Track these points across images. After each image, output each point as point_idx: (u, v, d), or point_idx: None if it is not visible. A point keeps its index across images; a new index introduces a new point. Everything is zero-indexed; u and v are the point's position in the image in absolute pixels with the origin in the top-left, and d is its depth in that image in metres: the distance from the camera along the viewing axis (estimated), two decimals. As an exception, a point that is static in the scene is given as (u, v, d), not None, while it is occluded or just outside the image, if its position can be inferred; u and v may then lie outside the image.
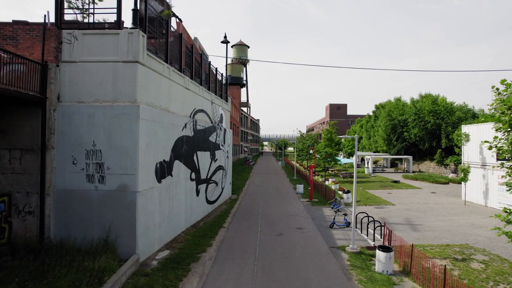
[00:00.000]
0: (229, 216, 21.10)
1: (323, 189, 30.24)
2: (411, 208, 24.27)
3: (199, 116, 19.83)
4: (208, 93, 22.11)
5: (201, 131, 19.82)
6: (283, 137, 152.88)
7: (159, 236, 13.99)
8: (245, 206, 24.65)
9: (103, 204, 12.11)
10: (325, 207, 24.83)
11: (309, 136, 54.35)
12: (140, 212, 12.29)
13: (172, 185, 15.47)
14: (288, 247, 14.99)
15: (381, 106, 70.40)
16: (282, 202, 26.72)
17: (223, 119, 26.33)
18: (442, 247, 14.94)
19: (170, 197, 15.25)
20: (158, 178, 13.87)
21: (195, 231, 17.12)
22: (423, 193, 31.74)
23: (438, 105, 50.99)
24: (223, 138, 25.81)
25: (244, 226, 18.71)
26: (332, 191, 27.35)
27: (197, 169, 19.16)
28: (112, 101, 12.24)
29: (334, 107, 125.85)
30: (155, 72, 13.80)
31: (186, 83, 17.54)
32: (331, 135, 41.87)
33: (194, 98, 19.09)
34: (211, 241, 15.66)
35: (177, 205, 16.06)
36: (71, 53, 12.26)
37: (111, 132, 12.10)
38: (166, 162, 14.68)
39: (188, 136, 17.59)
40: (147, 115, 12.77)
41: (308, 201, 27.25)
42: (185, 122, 17.09)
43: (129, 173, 12.04)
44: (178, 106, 16.45)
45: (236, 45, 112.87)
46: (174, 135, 15.68)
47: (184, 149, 17.01)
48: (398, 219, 20.65)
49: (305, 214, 22.28)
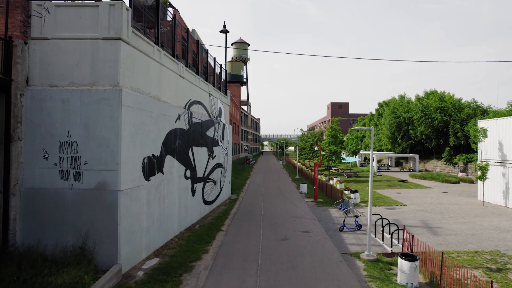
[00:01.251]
0: (228, 218, 19.30)
1: (328, 189, 28.46)
2: (425, 209, 22.47)
3: (195, 108, 18.04)
4: (206, 84, 20.32)
5: (197, 125, 18.03)
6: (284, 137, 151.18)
7: (147, 241, 12.20)
8: (245, 207, 22.86)
9: (79, 205, 10.31)
10: (331, 208, 23.05)
11: (311, 134, 52.57)
12: (123, 214, 10.50)
13: (163, 183, 13.68)
14: (294, 254, 13.20)
15: (385, 104, 68.60)
16: (285, 202, 24.93)
17: (222, 113, 24.54)
18: (470, 254, 13.14)
19: (161, 197, 13.46)
20: (146, 175, 12.08)
21: (189, 235, 15.32)
22: (434, 192, 29.93)
23: (445, 101, 49.17)
24: (222, 133, 24.02)
25: (245, 229, 16.92)
26: (338, 191, 25.57)
27: (192, 166, 17.37)
28: (90, 84, 10.44)
29: (335, 105, 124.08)
30: (142, 54, 12.01)
31: (180, 70, 15.75)
32: (336, 132, 40.06)
33: (190, 88, 17.30)
34: (207, 247, 13.87)
35: (169, 206, 14.28)
36: (42, 28, 10.46)
37: (89, 121, 10.31)
38: (155, 157, 12.89)
39: (182, 129, 15.80)
40: (132, 102, 10.98)
41: (313, 202, 25.46)
42: (178, 113, 15.30)
43: (110, 168, 10.25)
44: (170, 95, 14.66)
45: (236, 43, 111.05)
46: (166, 127, 13.89)
47: (178, 143, 15.22)
48: (413, 221, 18.85)
49: (310, 215, 20.49)
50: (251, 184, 36.08)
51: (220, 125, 23.32)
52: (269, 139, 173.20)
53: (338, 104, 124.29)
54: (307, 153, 50.23)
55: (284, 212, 21.35)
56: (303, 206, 23.63)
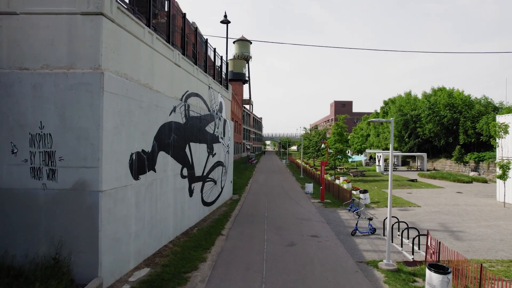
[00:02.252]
0: (229, 221, 17.77)
1: (335, 189, 26.89)
2: (442, 210, 20.86)
3: (193, 101, 16.52)
4: (205, 76, 18.81)
5: (195, 119, 16.51)
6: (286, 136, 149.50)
7: (135, 249, 10.69)
8: (248, 208, 21.34)
9: (53, 209, 8.82)
10: (340, 209, 21.49)
11: (316, 132, 50.96)
12: (106, 218, 8.99)
13: (156, 182, 12.17)
14: (303, 262, 11.66)
15: (391, 101, 66.87)
16: (290, 203, 23.38)
17: (223, 108, 23.02)
18: (505, 264, 11.55)
19: (153, 198, 11.95)
20: (134, 173, 10.57)
21: (186, 241, 13.80)
22: (448, 193, 28.28)
23: (454, 98, 47.43)
24: (223, 129, 22.49)
25: (247, 233, 15.40)
26: (346, 191, 24.01)
27: (190, 164, 15.86)
28: (67, 67, 8.93)
29: (339, 104, 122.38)
30: (130, 35, 10.50)
31: (175, 58, 14.24)
32: (342, 130, 38.44)
33: (187, 78, 15.79)
34: (205, 254, 12.35)
35: (162, 208, 12.77)
36: (9, 1, 8.97)
37: (65, 110, 8.81)
38: (146, 153, 11.38)
39: (178, 122, 14.29)
40: (117, 88, 9.47)
41: (320, 202, 23.91)
42: (174, 105, 13.79)
43: (90, 165, 8.74)
44: (164, 84, 13.16)
45: (238, 41, 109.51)
46: (159, 119, 12.38)
47: (173, 138, 13.71)
48: (431, 224, 17.26)
49: (318, 217, 18.94)
50: (254, 183, 34.56)
51: (220, 121, 21.80)
52: (272, 139, 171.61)
53: (341, 103, 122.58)
54: (312, 152, 48.63)
55: (290, 213, 19.81)
56: (309, 207, 22.08)
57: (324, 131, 51.47)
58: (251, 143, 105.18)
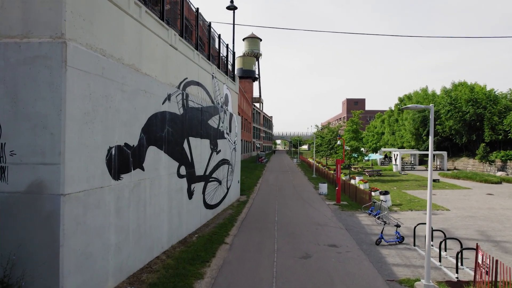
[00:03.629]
0: (235, 226, 15.74)
1: (352, 190, 24.61)
2: (475, 215, 18.44)
3: (193, 90, 14.54)
4: (208, 63, 16.81)
5: (195, 111, 14.52)
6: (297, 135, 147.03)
7: (116, 265, 8.72)
8: (256, 211, 19.27)
9: (2, 217, 6.90)
10: (359, 212, 19.26)
11: (329, 129, 48.55)
12: (71, 229, 7.04)
13: (145, 183, 10.19)
14: (321, 281, 9.55)
15: (407, 98, 63.92)
16: (303, 205, 21.24)
17: (229, 101, 20.99)
18: None
19: (141, 202, 9.98)
20: (115, 172, 8.60)
21: (183, 251, 11.80)
22: (476, 194, 25.70)
23: (477, 93, 44.44)
24: (229, 124, 20.47)
25: (255, 241, 13.34)
26: (364, 192, 21.73)
27: (189, 162, 13.87)
28: (20, 36, 7.00)
29: (351, 102, 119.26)
30: (111, 3, 8.55)
31: (171, 38, 12.26)
32: (357, 127, 36.06)
33: (185, 64, 13.81)
34: (203, 269, 10.33)
35: (153, 214, 10.79)
36: (-51, -48, 7.10)
37: (17, 91, 6.88)
38: (131, 148, 9.41)
39: (174, 113, 12.31)
40: (88, 64, 7.50)
41: (336, 205, 21.70)
42: (168, 92, 11.81)
43: (49, 161, 6.80)
44: (156, 67, 11.18)
45: (248, 38, 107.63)
46: (148, 108, 10.40)
47: (167, 131, 11.73)
48: (467, 232, 14.93)
49: (335, 222, 16.76)
50: (264, 183, 32.48)
51: (226, 115, 19.78)
52: (282, 138, 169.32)
53: (354, 100, 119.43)
54: (324, 150, 46.26)
55: (303, 217, 17.68)
56: (324, 210, 19.90)
57: (338, 128, 48.97)
58: (261, 142, 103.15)
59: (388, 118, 75.10)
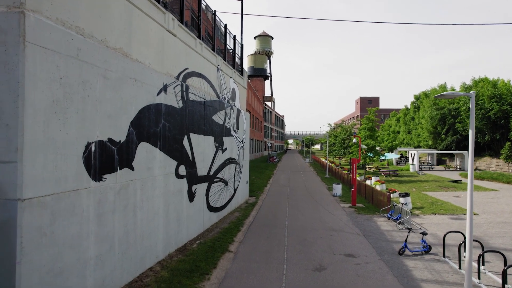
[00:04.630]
0: (241, 231, 14.38)
1: (368, 191, 22.98)
2: (509, 220, 16.62)
3: (194, 82, 13.24)
4: (212, 54, 15.49)
5: (197, 105, 13.22)
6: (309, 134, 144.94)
7: (96, 281, 7.44)
8: (265, 214, 17.87)
9: (-49, 226, 5.69)
10: (377, 216, 17.67)
11: (342, 128, 46.74)
12: (33, 242, 5.78)
13: (134, 185, 8.91)
14: (339, 302, 8.10)
15: (424, 95, 61.40)
16: (315, 208, 19.73)
17: (237, 96, 19.65)
18: None
19: (130, 206, 8.70)
20: (95, 171, 7.34)
21: (180, 261, 10.49)
22: (506, 197, 23.71)
23: (500, 89, 41.94)
24: (236, 121, 19.12)
25: (262, 249, 11.95)
26: (382, 194, 20.09)
27: (189, 161, 12.57)
28: (-27, 7, 5.78)
29: (365, 100, 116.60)
30: (90, -26, 7.28)
31: (168, 23, 10.97)
32: (373, 124, 34.24)
33: (186, 53, 12.52)
34: (202, 283, 9.01)
35: (146, 220, 9.51)
36: None
37: (-32, 73, 5.66)
38: (116, 144, 8.13)
39: (172, 106, 11.01)
40: (57, 42, 6.24)
41: (351, 207, 20.13)
42: (164, 82, 10.52)
43: (3, 159, 5.56)
44: (150, 53, 9.91)
45: (259, 36, 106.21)
46: (139, 99, 9.12)
47: (163, 126, 10.44)
48: (504, 241, 13.21)
49: (352, 227, 15.24)
50: (274, 184, 31.03)
51: (233, 111, 18.44)
52: (294, 137, 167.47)
53: (368, 99, 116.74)
54: (338, 150, 44.49)
55: (316, 222, 16.19)
56: (339, 213, 18.37)
57: (352, 126, 47.12)
58: (273, 141, 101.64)
59: (404, 116, 72.65)
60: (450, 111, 49.31)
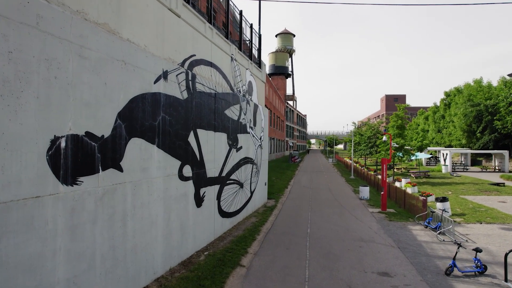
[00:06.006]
0: (257, 240, 12.69)
1: (399, 195, 20.77)
2: None
3: (203, 71, 11.67)
4: (225, 42, 13.90)
5: (206, 96, 11.63)
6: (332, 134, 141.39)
7: (68, 310, 5.96)
8: (285, 220, 16.09)
9: None
10: (411, 224, 15.54)
11: (368, 126, 44.12)
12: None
13: (124, 189, 7.40)
14: None
15: (457, 91, 57.58)
16: (341, 213, 17.76)
17: (254, 90, 17.98)
18: None
19: (117, 214, 7.19)
20: (66, 173, 5.84)
21: (182, 278, 8.91)
22: (559, 202, 20.85)
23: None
24: (253, 117, 17.46)
25: (280, 264, 10.21)
26: (416, 198, 17.87)
27: (196, 160, 10.99)
28: None
29: (390, 98, 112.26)
30: None
31: (170, 0, 9.44)
32: (402, 122, 31.71)
33: (192, 37, 10.96)
34: (204, 310, 7.38)
35: (140, 230, 7.98)
36: None
37: None
38: (98, 139, 6.63)
39: (174, 97, 9.46)
40: (3, 5, 4.76)
41: (381, 213, 18.03)
42: (164, 68, 8.98)
43: None
44: (146, 34, 8.39)
45: (281, 34, 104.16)
46: (130, 85, 7.60)
47: (163, 120, 8.90)
48: None
49: (383, 237, 13.24)
50: (296, 185, 29.14)
51: (249, 105, 16.78)
52: (317, 137, 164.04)
53: (393, 97, 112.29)
54: (364, 149, 41.98)
55: (342, 230, 14.28)
56: (368, 219, 16.34)
57: (378, 124, 44.43)
58: (295, 141, 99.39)
59: (433, 114, 68.75)
60: (487, 107, 45.69)
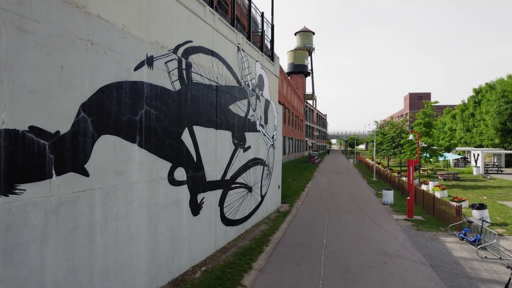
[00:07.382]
0: (264, 252, 11.13)
1: (428, 200, 18.73)
2: None
3: (202, 60, 10.23)
4: (231, 30, 12.44)
5: (205, 89, 10.19)
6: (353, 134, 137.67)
7: None
8: (298, 228, 14.46)
9: None
10: (444, 234, 13.59)
11: (392, 125, 41.63)
12: None
13: (90, 197, 6.03)
14: None
15: (489, 87, 53.91)
16: (362, 220, 15.95)
17: (265, 84, 16.44)
18: None
19: (81, 229, 5.83)
20: (-4, 180, 4.50)
21: (168, 302, 7.50)
22: None
23: None
24: (264, 114, 15.91)
25: (288, 285, 8.63)
26: (447, 204, 15.87)
27: (192, 161, 9.56)
28: None
29: (414, 96, 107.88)
30: None
31: (158, -26, 8.05)
32: (430, 120, 29.34)
33: (189, 21, 9.55)
34: None
35: (113, 246, 6.60)
36: None
37: None
38: (51, 136, 5.28)
39: (162, 87, 8.06)
40: None
41: (407, 220, 16.09)
42: (148, 53, 7.59)
43: None
44: (124, 11, 7.02)
45: (300, 32, 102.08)
46: (99, 70, 6.23)
47: (146, 113, 7.50)
48: None
49: (411, 251, 11.40)
50: (313, 188, 27.36)
51: (259, 101, 15.25)
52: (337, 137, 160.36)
53: (417, 95, 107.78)
54: (387, 149, 39.60)
55: (363, 241, 12.52)
56: (392, 228, 14.48)
57: (403, 123, 41.88)
58: (314, 141, 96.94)
59: (461, 113, 64.94)
60: (523, 104, 42.29)
